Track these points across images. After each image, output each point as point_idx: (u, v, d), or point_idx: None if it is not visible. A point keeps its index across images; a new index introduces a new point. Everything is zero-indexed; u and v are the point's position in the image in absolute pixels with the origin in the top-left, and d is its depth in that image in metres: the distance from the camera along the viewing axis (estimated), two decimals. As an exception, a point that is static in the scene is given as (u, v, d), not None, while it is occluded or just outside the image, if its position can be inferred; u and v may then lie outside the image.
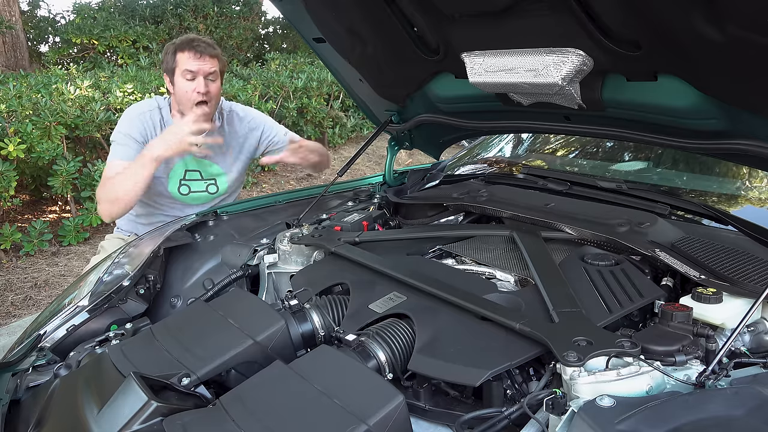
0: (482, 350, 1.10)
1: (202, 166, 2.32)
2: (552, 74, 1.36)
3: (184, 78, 2.13)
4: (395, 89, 1.96)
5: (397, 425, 0.93)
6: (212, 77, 2.16)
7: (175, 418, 0.99)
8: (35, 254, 4.10)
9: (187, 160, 2.28)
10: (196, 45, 2.12)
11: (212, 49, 2.16)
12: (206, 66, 2.13)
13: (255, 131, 2.41)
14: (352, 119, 7.19)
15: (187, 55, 2.11)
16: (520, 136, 2.57)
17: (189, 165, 2.29)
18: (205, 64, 2.12)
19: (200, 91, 2.12)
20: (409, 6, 1.49)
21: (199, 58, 2.11)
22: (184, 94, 2.14)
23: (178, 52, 2.13)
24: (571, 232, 1.53)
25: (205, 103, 2.15)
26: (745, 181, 1.80)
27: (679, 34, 1.12)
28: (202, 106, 2.13)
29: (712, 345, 1.04)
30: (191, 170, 2.30)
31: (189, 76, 2.12)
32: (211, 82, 2.15)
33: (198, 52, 2.11)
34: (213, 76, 2.16)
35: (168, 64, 2.17)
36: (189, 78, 2.12)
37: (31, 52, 8.55)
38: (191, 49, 2.12)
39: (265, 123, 2.44)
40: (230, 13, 9.47)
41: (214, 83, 2.17)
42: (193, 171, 2.31)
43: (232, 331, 1.22)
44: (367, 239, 1.68)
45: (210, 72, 2.14)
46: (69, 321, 1.50)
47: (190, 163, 2.29)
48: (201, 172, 2.32)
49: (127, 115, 2.22)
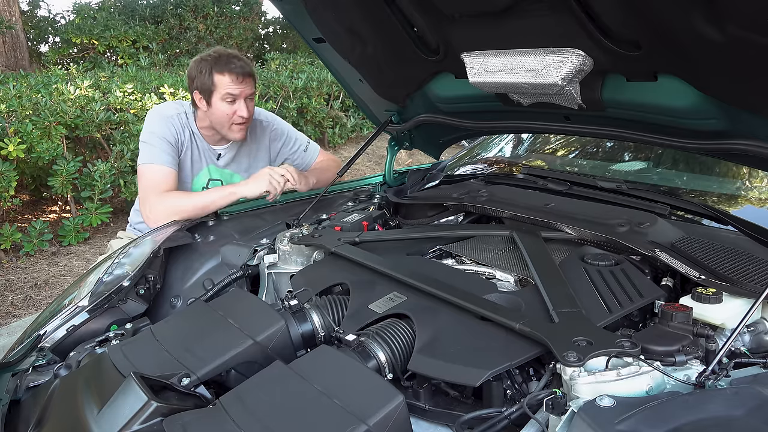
0: (482, 350, 1.10)
1: (224, 176, 2.32)
2: (552, 74, 1.36)
3: (224, 101, 2.09)
4: (395, 89, 1.96)
5: (397, 425, 0.93)
6: (251, 96, 2.16)
7: (175, 418, 0.99)
8: (35, 254, 4.10)
9: (211, 168, 2.28)
10: (235, 68, 2.07)
11: (249, 68, 2.13)
12: (248, 89, 2.11)
13: (276, 142, 2.42)
14: (352, 119, 7.19)
15: (228, 78, 2.07)
16: (520, 136, 2.57)
17: (213, 174, 2.30)
18: (247, 87, 2.11)
19: (243, 115, 2.11)
20: (409, 6, 1.49)
21: (240, 82, 2.08)
22: (224, 116, 2.12)
23: (216, 74, 2.07)
24: (571, 232, 1.52)
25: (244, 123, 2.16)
26: (745, 181, 1.80)
27: (679, 34, 1.12)
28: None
29: (712, 345, 1.04)
30: (214, 179, 2.30)
31: (230, 99, 2.09)
32: (250, 102, 2.15)
33: (239, 75, 2.08)
34: (251, 96, 2.16)
35: (203, 84, 2.09)
36: (230, 101, 2.10)
37: (31, 52, 8.55)
38: (231, 72, 2.07)
39: (288, 134, 2.44)
40: (230, 13, 9.48)
41: (252, 102, 2.17)
42: (216, 180, 2.31)
43: (232, 331, 1.22)
44: (367, 239, 1.68)
45: (250, 94, 2.14)
46: (69, 321, 1.50)
47: (214, 172, 2.30)
48: (222, 181, 2.31)
49: (158, 115, 2.18)
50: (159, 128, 2.14)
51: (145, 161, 2.11)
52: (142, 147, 2.15)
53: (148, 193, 2.06)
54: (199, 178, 2.28)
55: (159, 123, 2.15)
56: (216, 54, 2.12)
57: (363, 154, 2.32)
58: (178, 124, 2.17)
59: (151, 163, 2.09)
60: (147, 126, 2.17)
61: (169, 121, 2.16)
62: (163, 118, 2.16)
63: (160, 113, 2.20)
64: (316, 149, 2.51)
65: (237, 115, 2.11)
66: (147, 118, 2.20)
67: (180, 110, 2.22)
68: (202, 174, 2.28)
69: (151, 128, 2.15)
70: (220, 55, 2.11)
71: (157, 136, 2.12)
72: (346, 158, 6.41)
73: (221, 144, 2.29)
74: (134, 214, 2.44)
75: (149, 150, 2.11)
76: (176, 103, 2.30)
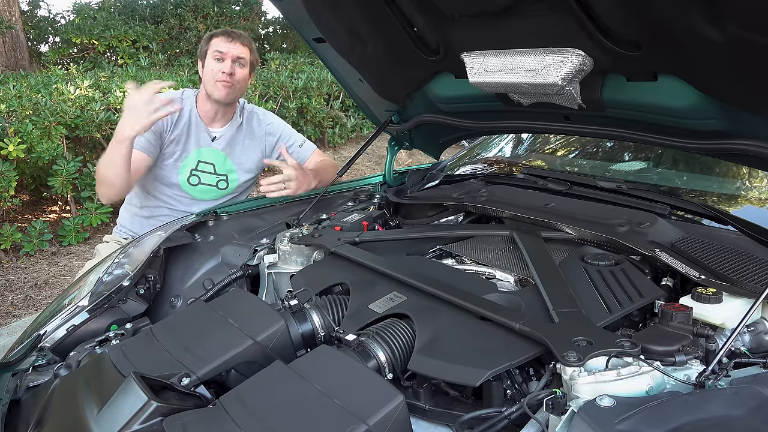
0: (482, 350, 1.10)
1: (218, 158, 2.33)
2: (552, 74, 1.36)
3: (213, 58, 2.21)
4: (395, 89, 1.96)
5: (397, 425, 0.93)
6: (241, 63, 2.24)
7: (175, 418, 0.99)
8: (35, 254, 4.10)
9: (202, 151, 2.29)
10: (231, 32, 2.25)
11: (245, 39, 2.27)
12: (236, 50, 2.21)
13: (272, 137, 2.43)
14: (352, 119, 7.19)
15: (220, 38, 2.23)
16: (520, 136, 2.57)
17: (203, 156, 2.30)
18: (236, 47, 2.21)
19: (225, 71, 2.19)
20: (409, 6, 1.49)
21: (230, 42, 2.21)
22: (210, 73, 2.22)
23: (213, 38, 2.24)
24: (571, 232, 1.53)
25: (230, 86, 2.21)
26: (745, 181, 1.80)
27: (679, 34, 1.12)
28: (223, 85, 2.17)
29: (712, 345, 1.04)
30: (205, 161, 2.31)
31: (218, 56, 2.20)
32: (238, 68, 2.23)
33: (231, 38, 2.22)
34: (242, 62, 2.24)
35: (202, 49, 2.27)
36: (218, 58, 2.20)
37: (31, 52, 8.55)
38: (224, 33, 2.24)
39: (283, 130, 2.46)
40: (230, 13, 9.47)
41: (241, 69, 2.25)
42: (207, 163, 2.32)
43: (232, 331, 1.22)
44: (367, 239, 1.68)
45: (239, 56, 2.22)
46: (69, 321, 1.50)
47: (206, 154, 2.30)
48: (215, 165, 2.33)
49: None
50: None
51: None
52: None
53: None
54: (188, 161, 2.29)
55: None
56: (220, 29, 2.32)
57: (363, 154, 2.32)
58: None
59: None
60: None
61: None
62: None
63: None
64: (311, 147, 2.51)
65: (221, 71, 2.19)
66: None
67: (179, 94, 2.29)
68: (191, 157, 2.29)
69: None
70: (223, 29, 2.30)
71: None
72: (346, 158, 6.41)
73: (216, 125, 2.32)
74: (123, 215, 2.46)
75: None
76: (176, 91, 2.36)
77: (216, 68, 2.20)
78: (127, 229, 2.40)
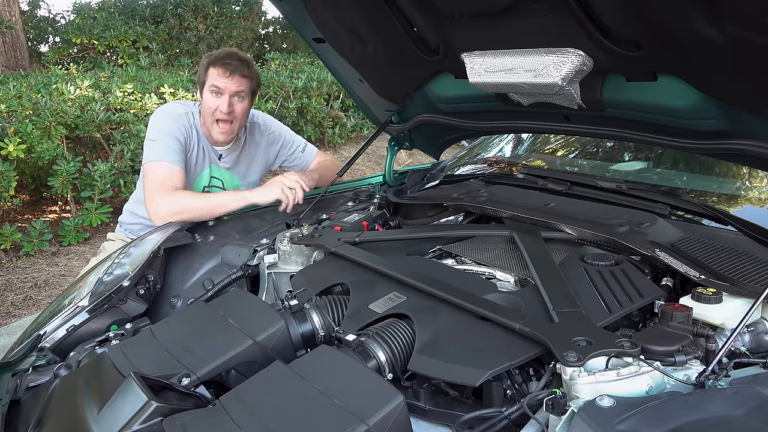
0: (482, 350, 1.10)
1: (224, 177, 2.32)
2: (552, 74, 1.36)
3: (210, 93, 2.12)
4: (395, 89, 1.96)
5: (397, 425, 0.93)
6: (240, 96, 2.14)
7: (175, 418, 0.99)
8: (35, 254, 4.10)
9: (213, 168, 2.29)
10: (228, 63, 2.11)
11: (244, 69, 2.14)
12: (233, 85, 2.11)
13: (274, 145, 2.42)
14: (352, 119, 7.19)
15: (217, 71, 2.10)
16: (520, 136, 2.57)
17: (214, 173, 2.30)
18: (233, 83, 2.10)
19: (223, 110, 2.11)
20: (409, 6, 1.49)
21: (227, 77, 2.10)
22: (207, 109, 2.14)
23: (210, 67, 2.12)
24: (571, 232, 1.52)
25: (230, 123, 2.15)
26: (745, 181, 1.80)
27: (679, 34, 1.12)
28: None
29: (712, 345, 1.04)
30: (216, 178, 2.30)
31: (215, 91, 2.11)
32: (237, 101, 2.14)
33: (228, 71, 2.10)
34: (241, 95, 2.14)
35: (200, 77, 2.17)
36: (214, 92, 2.11)
37: (31, 52, 8.54)
38: (223, 66, 2.10)
39: (285, 137, 2.45)
40: (230, 13, 9.46)
41: (240, 103, 2.15)
42: (218, 179, 2.31)
43: (232, 331, 1.22)
44: (367, 239, 1.68)
45: (237, 91, 2.12)
46: (69, 321, 1.50)
47: (215, 171, 2.30)
48: (223, 182, 2.32)
49: (166, 114, 2.18)
50: (169, 126, 2.13)
51: (154, 158, 2.08)
52: (150, 145, 2.12)
53: (156, 191, 2.04)
54: (202, 177, 2.28)
55: (169, 121, 2.14)
56: (220, 52, 2.17)
57: (363, 154, 2.32)
58: (186, 123, 2.17)
59: (160, 160, 2.07)
60: (156, 124, 2.15)
61: (178, 119, 2.16)
62: (171, 117, 2.16)
63: (168, 112, 2.19)
64: (313, 150, 2.51)
65: (218, 110, 2.11)
66: (154, 116, 2.19)
67: (187, 110, 2.22)
68: (205, 174, 2.28)
69: (160, 126, 2.13)
70: (223, 53, 2.15)
71: (167, 134, 2.11)
72: (346, 158, 6.41)
73: (221, 145, 2.28)
74: (127, 215, 2.42)
75: (158, 147, 2.09)
76: (182, 103, 2.30)
77: (213, 105, 2.11)
78: (130, 233, 2.39)
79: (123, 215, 2.45)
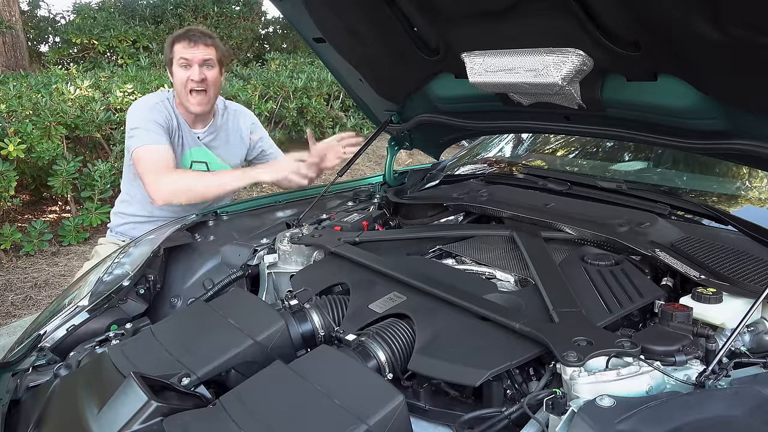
0: (482, 350, 1.10)
1: (208, 156, 2.33)
2: (552, 74, 1.36)
3: (179, 66, 2.17)
4: (395, 89, 1.96)
5: (397, 425, 0.93)
6: (209, 64, 2.18)
7: (175, 418, 0.99)
8: (35, 254, 4.10)
9: (194, 151, 2.29)
10: (191, 35, 2.17)
11: (207, 39, 2.19)
12: (200, 54, 2.16)
13: (254, 134, 2.46)
14: (352, 119, 7.18)
15: (182, 45, 2.16)
16: (520, 136, 2.57)
17: (195, 156, 2.30)
18: (199, 51, 2.16)
19: (194, 78, 2.15)
20: (409, 6, 1.49)
21: (193, 47, 2.15)
22: (180, 82, 2.17)
23: (175, 43, 2.18)
24: (571, 232, 1.52)
25: (204, 92, 2.18)
26: (745, 181, 1.80)
27: (679, 34, 1.12)
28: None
29: (712, 345, 1.04)
30: (198, 161, 2.31)
31: (184, 63, 2.16)
32: (207, 70, 2.18)
33: (192, 41, 2.16)
34: (209, 63, 2.19)
35: (167, 57, 2.22)
36: (183, 65, 2.16)
37: (31, 52, 8.55)
38: (186, 38, 2.16)
39: (255, 123, 2.49)
40: (230, 13, 9.47)
41: (210, 70, 2.19)
42: (200, 162, 2.31)
43: (232, 331, 1.22)
44: (367, 239, 1.68)
45: (205, 59, 2.17)
46: (69, 321, 1.50)
47: (197, 154, 2.30)
48: (208, 163, 2.33)
49: (145, 103, 2.23)
50: (149, 114, 2.17)
51: (143, 143, 2.11)
52: (134, 133, 2.14)
53: (154, 172, 2.07)
54: (184, 162, 2.29)
55: (148, 110, 2.18)
56: (181, 29, 2.24)
57: (363, 154, 2.32)
58: (164, 110, 2.20)
59: (150, 143, 2.11)
60: (136, 113, 2.19)
61: (155, 107, 2.19)
62: (149, 106, 2.20)
63: (145, 102, 2.24)
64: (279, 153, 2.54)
65: (189, 80, 2.15)
66: (132, 108, 2.23)
67: (162, 97, 2.26)
68: (185, 158, 2.29)
69: (140, 115, 2.17)
70: (184, 29, 2.23)
71: (149, 120, 2.15)
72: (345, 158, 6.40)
73: (198, 127, 2.31)
74: (115, 218, 2.42)
75: (144, 134, 2.12)
76: (155, 94, 2.33)
77: (184, 77, 2.15)
78: (121, 236, 2.38)
79: (111, 220, 2.45)
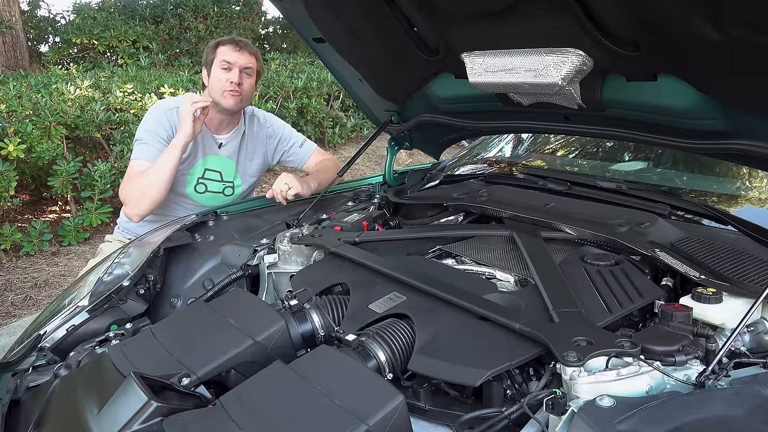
0: (482, 350, 1.10)
1: (224, 166, 2.33)
2: (552, 74, 1.36)
3: (220, 68, 2.19)
4: (395, 89, 1.96)
5: (397, 425, 0.93)
6: (248, 72, 2.22)
7: (175, 418, 0.99)
8: (35, 254, 4.10)
9: (209, 159, 2.30)
10: (238, 40, 2.23)
11: (252, 48, 2.25)
12: (243, 59, 2.20)
13: (272, 139, 2.44)
14: (352, 119, 7.18)
15: (228, 48, 2.20)
16: (520, 136, 2.57)
17: (209, 164, 2.30)
18: (243, 57, 2.20)
19: (233, 81, 2.17)
20: (409, 6, 1.49)
21: (238, 51, 2.19)
22: (217, 82, 2.19)
23: (219, 46, 2.22)
24: (571, 232, 1.52)
25: (238, 95, 2.19)
26: (745, 181, 1.80)
27: (679, 34, 1.12)
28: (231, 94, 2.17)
29: (712, 345, 1.04)
30: (212, 170, 2.31)
31: (226, 66, 2.18)
32: (246, 77, 2.22)
33: (238, 46, 2.20)
34: (249, 71, 2.22)
35: (207, 57, 2.24)
36: (225, 68, 2.18)
37: (31, 52, 8.55)
38: (232, 42, 2.21)
39: (283, 132, 2.47)
40: (230, 13, 9.47)
41: (248, 78, 2.23)
42: (214, 171, 2.32)
43: (232, 331, 1.22)
44: (367, 239, 1.68)
45: (247, 66, 2.21)
46: (69, 321, 1.50)
47: (212, 162, 2.30)
48: (222, 173, 2.33)
49: (154, 111, 2.24)
50: (153, 124, 2.18)
51: (136, 157, 2.16)
52: (135, 143, 2.20)
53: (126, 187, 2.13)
54: (195, 168, 2.29)
55: (155, 118, 2.20)
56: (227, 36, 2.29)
57: (363, 154, 2.32)
58: (174, 116, 2.19)
59: (137, 159, 2.15)
60: (143, 123, 2.22)
61: (163, 114, 2.20)
62: (160, 113, 2.21)
63: (160, 106, 2.26)
64: (312, 146, 2.52)
65: (228, 81, 2.17)
66: (147, 113, 2.26)
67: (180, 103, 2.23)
68: (198, 165, 2.29)
69: (146, 125, 2.20)
70: (229, 36, 2.28)
71: (150, 133, 2.17)
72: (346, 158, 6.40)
73: (222, 133, 2.31)
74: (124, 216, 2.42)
75: (139, 147, 2.17)
76: (176, 98, 2.35)
77: (224, 78, 2.17)
78: (127, 232, 2.39)
79: (121, 216, 2.45)
